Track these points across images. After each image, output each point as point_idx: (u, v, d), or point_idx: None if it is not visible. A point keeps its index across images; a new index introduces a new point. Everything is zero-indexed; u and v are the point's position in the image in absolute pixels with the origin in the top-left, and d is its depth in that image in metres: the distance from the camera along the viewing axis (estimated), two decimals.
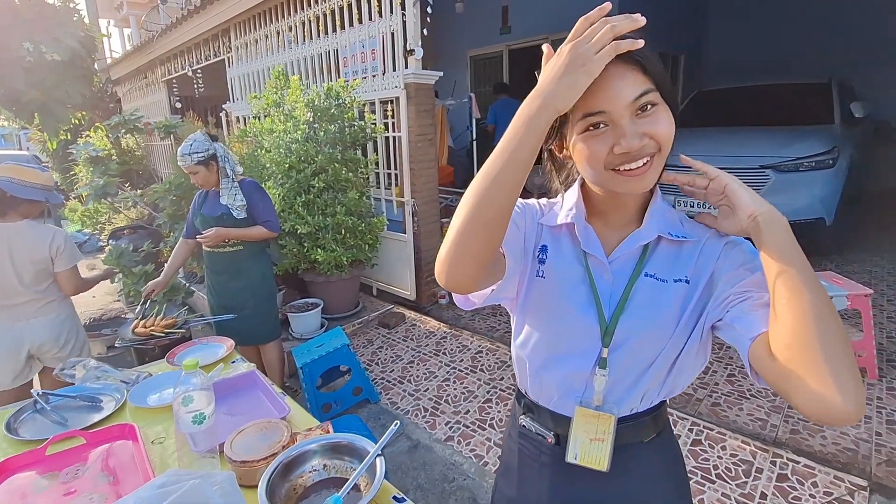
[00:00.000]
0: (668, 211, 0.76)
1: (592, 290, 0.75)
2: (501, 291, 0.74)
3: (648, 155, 0.65)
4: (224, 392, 1.44)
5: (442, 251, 0.64)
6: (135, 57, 7.70)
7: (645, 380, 0.75)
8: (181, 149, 2.23)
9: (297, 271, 3.39)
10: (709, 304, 0.70)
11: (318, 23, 3.96)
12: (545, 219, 0.81)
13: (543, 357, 0.81)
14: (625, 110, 0.63)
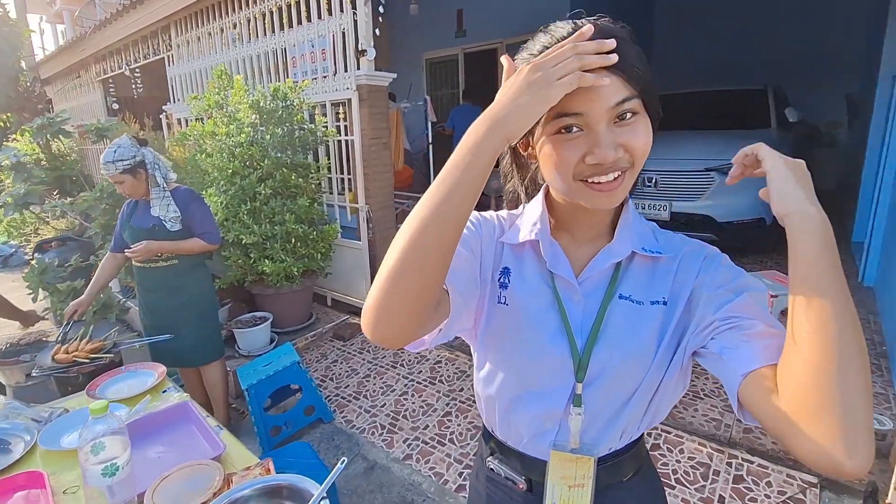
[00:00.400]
0: (641, 223, 0.70)
1: (562, 316, 0.67)
2: (452, 328, 0.64)
3: (621, 169, 0.58)
4: (152, 428, 1.30)
5: (369, 298, 0.55)
6: (66, 54, 7.16)
7: (624, 416, 0.68)
8: (104, 156, 2.02)
9: (243, 284, 3.20)
10: (689, 328, 0.63)
11: (264, 20, 3.77)
12: (506, 236, 0.72)
13: (510, 395, 0.72)
14: (603, 115, 0.56)
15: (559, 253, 0.69)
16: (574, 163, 0.58)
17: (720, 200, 4.20)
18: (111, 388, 1.51)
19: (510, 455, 0.75)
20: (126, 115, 5.54)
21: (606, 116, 0.56)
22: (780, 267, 4.11)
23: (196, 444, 1.24)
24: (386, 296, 0.53)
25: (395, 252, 0.53)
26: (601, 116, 0.56)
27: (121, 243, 2.19)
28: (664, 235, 0.71)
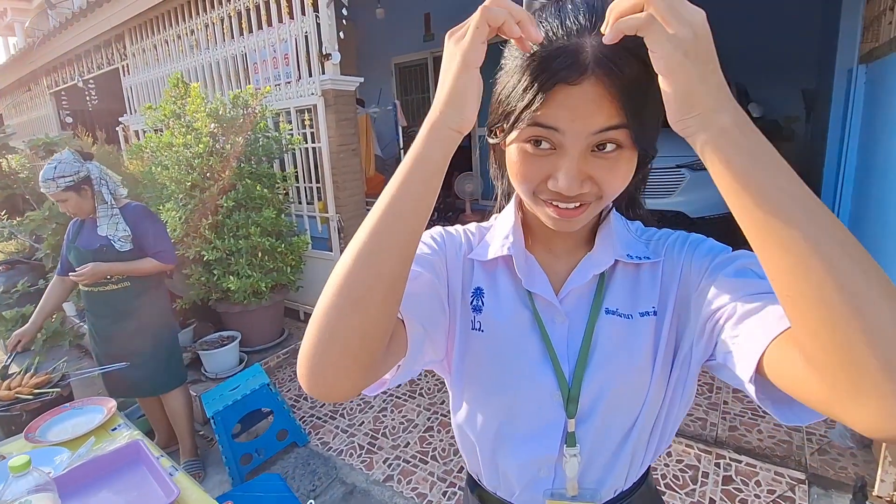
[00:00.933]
0: (625, 227, 0.61)
1: (545, 341, 0.58)
2: (414, 364, 0.54)
3: (585, 202, 0.50)
4: (98, 473, 1.16)
5: (303, 345, 0.45)
6: (14, 67, 6.80)
7: (627, 450, 0.59)
8: (43, 173, 1.85)
9: (208, 302, 3.03)
10: (685, 335, 0.55)
11: (223, 25, 3.62)
12: (476, 252, 0.62)
13: (494, 438, 0.62)
14: (580, 140, 0.46)
15: (536, 268, 0.60)
16: (535, 181, 0.50)
17: (691, 196, 4.25)
18: (53, 428, 1.37)
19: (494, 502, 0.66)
20: (79, 128, 5.28)
21: (584, 143, 0.46)
22: None
23: (148, 490, 1.11)
24: (321, 341, 0.43)
25: (332, 287, 0.44)
26: (578, 141, 0.46)
27: (67, 266, 2.02)
28: (650, 234, 0.62)
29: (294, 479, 2.20)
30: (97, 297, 2.01)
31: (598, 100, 0.43)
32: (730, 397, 2.40)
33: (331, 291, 0.44)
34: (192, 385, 2.87)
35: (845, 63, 3.90)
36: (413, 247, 0.45)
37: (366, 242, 0.43)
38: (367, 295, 0.43)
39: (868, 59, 3.14)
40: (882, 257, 2.32)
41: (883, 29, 2.70)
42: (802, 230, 0.35)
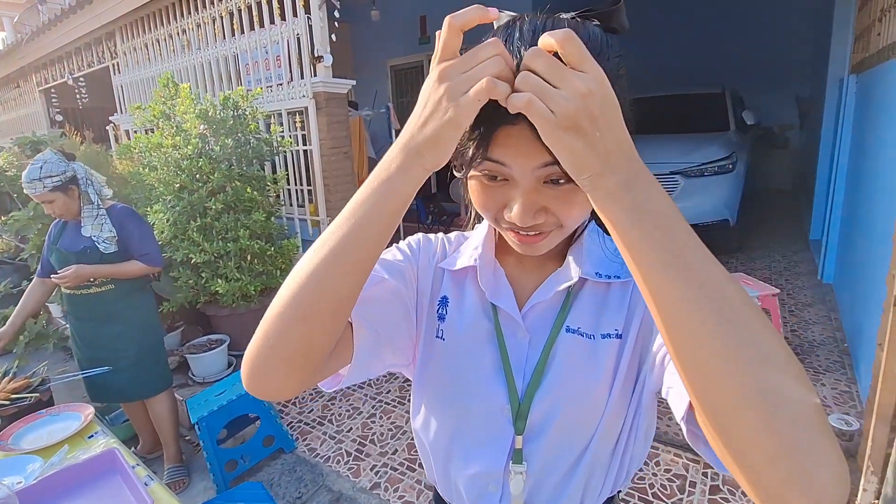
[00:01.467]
0: (599, 244, 0.60)
1: (502, 355, 0.57)
2: (367, 366, 0.53)
3: (541, 229, 0.49)
4: (70, 483, 1.13)
5: (249, 346, 0.46)
6: (3, 62, 6.72)
7: (580, 473, 0.58)
8: (28, 173, 1.81)
9: (196, 305, 2.99)
10: (647, 359, 0.53)
11: (214, 26, 3.59)
12: (446, 261, 0.62)
13: (446, 447, 0.62)
14: (527, 174, 0.45)
15: (501, 281, 0.59)
16: (493, 210, 0.49)
17: (685, 203, 4.24)
18: (28, 435, 1.34)
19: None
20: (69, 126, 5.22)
21: (531, 177, 0.45)
22: (745, 268, 4.19)
23: (121, 500, 1.08)
24: (266, 347, 0.45)
25: (283, 297, 0.44)
26: (525, 175, 0.45)
27: (49, 268, 1.98)
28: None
29: (280, 486, 2.17)
30: (80, 299, 1.97)
31: (535, 138, 0.40)
32: None
33: (281, 301, 0.44)
34: (179, 389, 2.83)
35: (837, 72, 3.93)
36: (368, 270, 0.45)
37: (322, 262, 0.43)
38: (315, 310, 0.43)
39: (859, 69, 3.16)
40: (870, 265, 2.33)
41: (872, 40, 2.72)
42: (676, 281, 0.35)
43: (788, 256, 4.50)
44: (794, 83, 7.08)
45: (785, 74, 7.28)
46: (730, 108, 5.04)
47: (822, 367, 2.64)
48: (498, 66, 0.38)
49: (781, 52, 7.21)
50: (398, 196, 0.42)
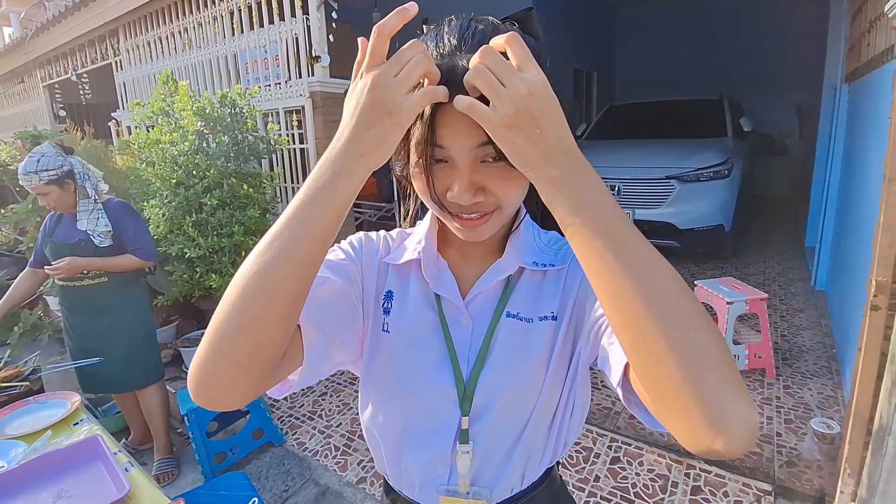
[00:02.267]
0: (536, 236, 0.64)
1: (447, 341, 0.60)
2: (317, 368, 0.55)
3: (484, 212, 0.52)
4: (54, 467, 1.16)
5: (196, 356, 0.45)
6: (7, 57, 6.78)
7: (521, 449, 0.61)
8: (24, 165, 1.84)
9: (191, 299, 3.02)
10: (580, 338, 0.57)
11: (215, 25, 3.64)
12: (391, 256, 0.65)
13: (398, 437, 0.64)
14: (467, 154, 0.48)
15: (445, 272, 0.62)
16: (437, 195, 0.52)
17: (681, 208, 4.26)
18: (14, 422, 1.36)
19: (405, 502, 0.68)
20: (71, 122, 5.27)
21: (469, 156, 0.48)
22: (739, 274, 4.20)
23: (101, 485, 1.11)
24: (214, 354, 0.44)
25: (232, 300, 0.44)
26: (463, 155, 0.48)
27: (42, 258, 2.01)
28: (562, 244, 0.64)
29: (268, 479, 2.20)
30: (73, 291, 2.00)
31: (471, 120, 0.44)
32: None
33: (231, 305, 0.44)
34: (172, 382, 2.86)
35: (831, 81, 3.95)
36: (316, 270, 0.47)
37: (271, 264, 0.44)
38: (266, 312, 0.44)
39: (852, 78, 3.18)
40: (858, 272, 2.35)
41: (863, 49, 2.74)
42: (619, 264, 0.41)
43: (783, 263, 4.51)
44: (794, 91, 7.10)
45: (785, 82, 7.31)
46: (727, 115, 5.06)
47: (809, 371, 2.66)
48: (423, 66, 0.42)
49: (781, 61, 7.23)
50: (344, 197, 0.45)
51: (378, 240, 0.67)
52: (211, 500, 1.42)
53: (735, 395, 0.38)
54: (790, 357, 2.83)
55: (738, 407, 0.38)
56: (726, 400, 0.38)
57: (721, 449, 0.38)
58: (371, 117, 0.43)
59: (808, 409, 2.33)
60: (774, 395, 2.47)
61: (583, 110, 7.87)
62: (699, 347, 0.39)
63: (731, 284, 2.74)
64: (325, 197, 0.44)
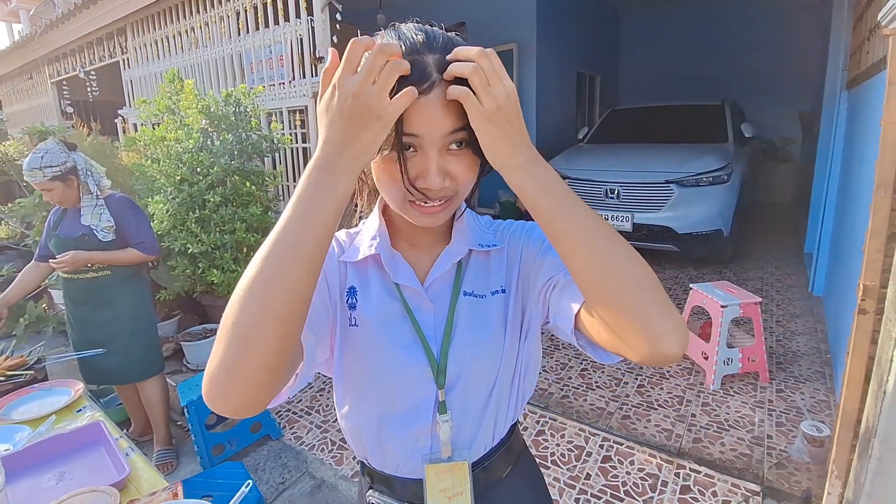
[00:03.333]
0: (476, 222, 0.72)
1: (414, 326, 0.66)
2: (308, 371, 0.58)
3: (446, 197, 0.57)
4: (57, 451, 1.20)
5: (213, 360, 0.46)
6: (16, 54, 6.86)
7: (491, 408, 0.69)
8: (29, 162, 1.88)
9: (193, 294, 3.07)
10: (528, 304, 0.67)
11: (221, 25, 3.69)
12: (347, 255, 0.69)
13: (378, 421, 0.68)
14: (437, 141, 0.53)
15: (401, 262, 0.68)
16: (405, 184, 0.55)
17: (680, 212, 4.28)
18: (19, 407, 1.40)
19: (389, 483, 0.72)
20: (78, 118, 5.33)
21: (440, 143, 0.54)
22: (737, 279, 4.22)
23: (102, 468, 1.15)
24: (234, 357, 0.45)
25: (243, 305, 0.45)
26: (435, 142, 0.53)
27: (46, 252, 2.05)
28: (497, 226, 0.74)
29: (265, 472, 2.23)
30: (77, 284, 2.04)
31: (447, 105, 0.51)
32: (698, 410, 2.44)
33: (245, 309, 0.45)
34: (172, 375, 2.90)
35: (832, 88, 3.97)
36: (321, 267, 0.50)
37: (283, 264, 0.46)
38: (286, 310, 0.46)
39: (852, 84, 3.20)
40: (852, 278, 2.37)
41: (863, 57, 2.76)
42: (574, 225, 0.51)
43: (782, 268, 4.53)
44: (798, 98, 7.11)
45: (788, 89, 7.32)
46: (728, 121, 5.07)
47: (802, 375, 2.68)
48: (398, 70, 0.47)
49: (785, 67, 7.24)
50: (341, 196, 0.49)
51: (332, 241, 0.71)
52: (208, 487, 1.46)
53: (669, 312, 0.50)
54: (784, 361, 2.85)
55: (672, 321, 0.49)
56: (663, 316, 0.49)
57: (664, 353, 0.49)
58: (361, 123, 0.47)
59: (799, 413, 2.36)
60: (767, 399, 2.49)
61: (585, 114, 7.90)
62: (643, 276, 0.50)
63: (726, 288, 2.77)
64: (326, 197, 0.48)
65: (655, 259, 4.78)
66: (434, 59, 0.51)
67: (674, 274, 4.52)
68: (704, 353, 2.70)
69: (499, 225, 0.74)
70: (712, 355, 2.61)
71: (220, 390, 0.45)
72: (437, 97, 0.51)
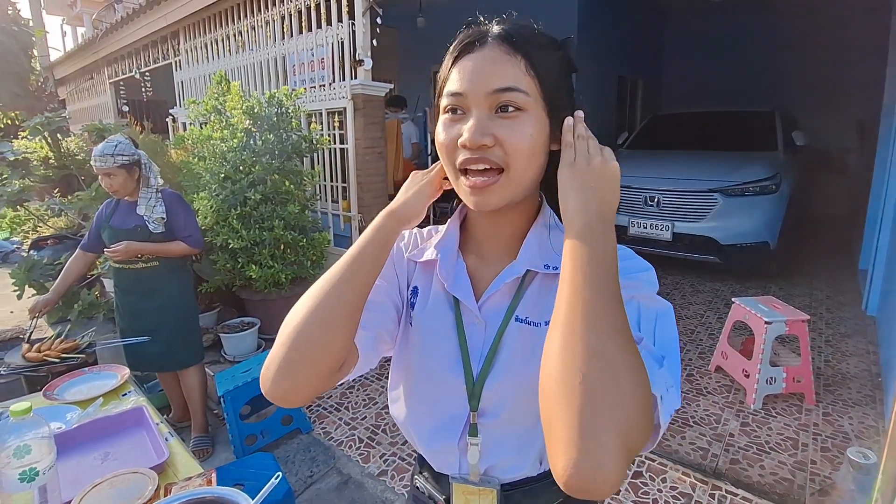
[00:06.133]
0: (546, 240, 0.63)
1: (461, 342, 0.63)
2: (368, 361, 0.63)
3: (491, 164, 0.55)
4: (102, 432, 1.26)
5: (272, 353, 0.54)
6: (79, 56, 7.32)
7: (537, 442, 0.62)
8: (102, 148, 2.00)
9: (232, 288, 3.18)
10: None
11: (267, 28, 3.82)
12: (416, 253, 0.69)
13: (413, 421, 0.69)
14: (482, 100, 0.53)
15: (462, 273, 0.65)
16: (451, 146, 0.56)
17: (724, 222, 4.12)
18: (71, 389, 1.49)
19: (433, 474, 0.72)
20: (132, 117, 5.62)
21: (486, 102, 0.53)
22: (784, 294, 4.02)
23: (143, 451, 1.20)
24: (291, 354, 0.52)
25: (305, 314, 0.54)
26: (480, 101, 0.53)
27: (94, 242, 2.18)
28: None
29: (294, 464, 2.29)
30: (126, 273, 2.16)
31: (495, 61, 0.51)
32: (736, 429, 2.33)
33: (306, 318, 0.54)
34: (210, 366, 3.01)
35: (893, 96, 3.74)
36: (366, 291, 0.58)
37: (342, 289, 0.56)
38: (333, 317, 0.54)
39: None
40: None
41: None
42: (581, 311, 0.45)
43: (834, 285, 4.28)
44: (855, 106, 6.72)
45: (844, 96, 6.93)
46: (779, 128, 4.85)
47: (851, 399, 2.53)
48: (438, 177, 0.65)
49: (842, 74, 6.86)
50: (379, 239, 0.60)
51: (409, 237, 0.72)
52: (241, 475, 1.50)
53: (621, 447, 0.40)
54: (832, 383, 2.69)
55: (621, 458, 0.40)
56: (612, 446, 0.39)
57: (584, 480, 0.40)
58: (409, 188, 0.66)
59: (846, 438, 2.22)
60: (812, 422, 2.36)
61: (626, 119, 7.73)
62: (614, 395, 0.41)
63: (770, 304, 2.64)
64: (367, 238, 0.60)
65: (696, 271, 4.61)
66: (496, 25, 0.54)
67: (715, 287, 4.35)
68: (745, 371, 2.59)
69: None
70: (754, 373, 2.50)
71: (270, 379, 0.53)
72: (482, 54, 0.52)
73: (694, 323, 3.59)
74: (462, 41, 0.55)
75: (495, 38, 0.53)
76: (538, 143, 0.55)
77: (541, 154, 0.57)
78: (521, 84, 0.52)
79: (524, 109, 0.53)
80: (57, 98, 8.09)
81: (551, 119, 0.56)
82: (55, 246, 3.91)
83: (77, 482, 1.03)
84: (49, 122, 3.70)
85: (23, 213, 4.37)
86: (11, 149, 3.68)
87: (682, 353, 3.11)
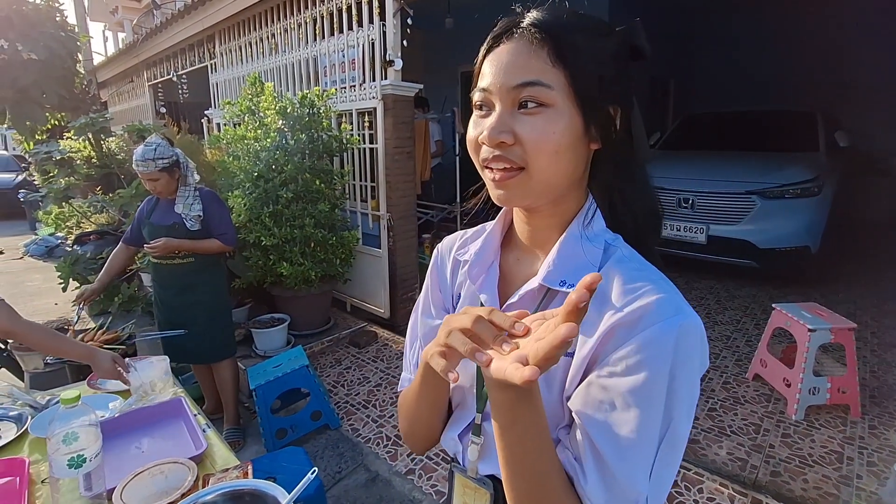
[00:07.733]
0: (583, 250, 0.55)
1: None
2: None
3: (509, 162, 0.51)
4: (142, 422, 1.30)
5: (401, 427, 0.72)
6: (120, 60, 7.61)
7: None
8: (142, 153, 2.06)
9: (263, 285, 3.24)
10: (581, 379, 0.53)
11: (299, 31, 3.88)
12: (460, 252, 0.69)
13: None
14: (504, 95, 0.51)
15: (492, 275, 0.63)
16: (474, 142, 0.55)
17: (762, 225, 3.97)
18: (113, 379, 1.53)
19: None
20: (169, 118, 5.80)
21: (508, 98, 0.51)
22: (824, 300, 3.85)
23: (181, 441, 1.23)
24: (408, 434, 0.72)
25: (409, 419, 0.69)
26: (502, 96, 0.51)
27: (136, 237, 2.26)
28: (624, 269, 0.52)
29: (323, 459, 2.31)
30: (165, 269, 2.22)
31: (519, 52, 0.49)
32: (778, 441, 2.24)
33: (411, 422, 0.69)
34: (242, 360, 3.08)
35: None
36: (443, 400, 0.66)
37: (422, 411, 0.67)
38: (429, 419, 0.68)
39: None
40: None
41: None
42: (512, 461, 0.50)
43: (879, 293, 4.07)
44: None
45: (890, 96, 6.59)
46: (820, 128, 4.64)
47: None
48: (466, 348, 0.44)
49: (886, 73, 6.53)
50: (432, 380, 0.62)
51: (452, 239, 0.72)
52: (273, 468, 1.52)
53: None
54: (879, 395, 2.56)
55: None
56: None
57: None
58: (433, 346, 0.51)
59: (893, 453, 2.10)
60: (858, 435, 2.25)
61: (658, 119, 7.56)
62: None
63: (814, 311, 2.53)
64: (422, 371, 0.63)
65: (731, 275, 4.46)
66: (529, 13, 0.51)
67: (752, 292, 4.20)
68: (786, 380, 2.48)
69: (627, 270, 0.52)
70: (795, 383, 2.39)
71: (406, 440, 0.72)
72: (509, 47, 0.50)
73: (730, 329, 3.47)
74: (494, 33, 0.54)
75: (524, 28, 0.51)
76: (565, 142, 0.50)
77: (570, 152, 0.51)
78: (545, 77, 0.49)
79: (548, 105, 0.49)
80: (99, 100, 8.44)
81: (585, 114, 0.51)
82: (97, 241, 4.07)
83: (118, 470, 1.06)
84: (93, 123, 3.85)
85: (67, 210, 4.57)
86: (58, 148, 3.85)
87: (718, 360, 3.00)
